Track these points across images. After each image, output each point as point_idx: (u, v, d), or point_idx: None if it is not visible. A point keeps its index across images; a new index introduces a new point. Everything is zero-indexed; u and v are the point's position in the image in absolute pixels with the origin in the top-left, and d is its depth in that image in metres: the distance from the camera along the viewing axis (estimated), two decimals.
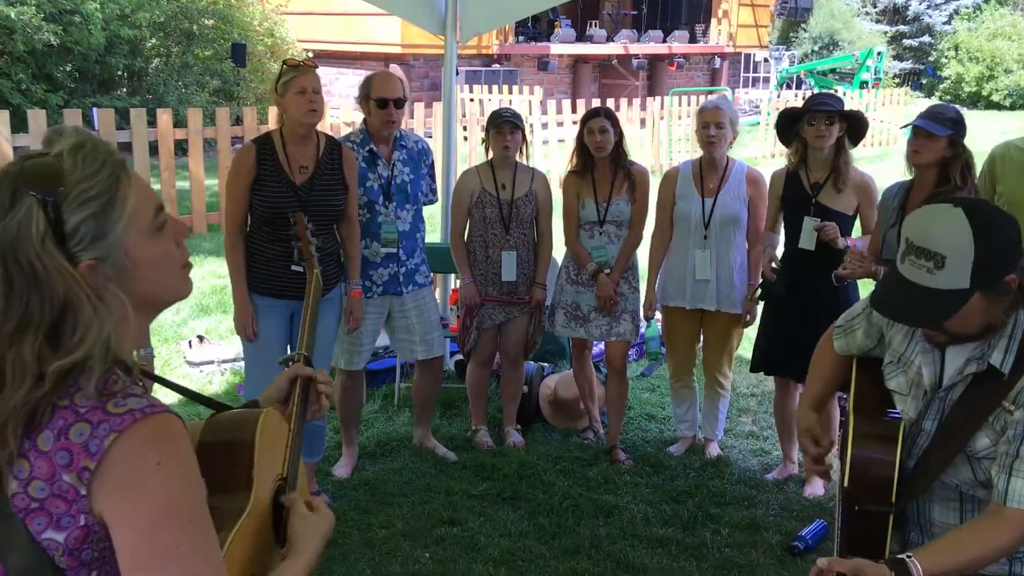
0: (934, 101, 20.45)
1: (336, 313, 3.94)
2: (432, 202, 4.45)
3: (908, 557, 1.82)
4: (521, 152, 4.51)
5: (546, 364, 5.40)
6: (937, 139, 3.51)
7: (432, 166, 4.41)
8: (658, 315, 4.77)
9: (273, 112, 10.08)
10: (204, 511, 1.21)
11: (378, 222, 4.13)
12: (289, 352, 3.91)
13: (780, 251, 4.25)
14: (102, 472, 1.14)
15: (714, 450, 4.63)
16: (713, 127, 4.25)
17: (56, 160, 1.21)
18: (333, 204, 3.77)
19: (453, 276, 5.43)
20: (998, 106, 22.56)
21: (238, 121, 9.85)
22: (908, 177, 3.75)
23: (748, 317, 4.36)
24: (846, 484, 2.03)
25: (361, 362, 4.29)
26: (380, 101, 4.04)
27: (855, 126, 3.95)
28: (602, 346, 4.84)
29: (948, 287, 1.78)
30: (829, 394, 2.39)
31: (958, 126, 3.54)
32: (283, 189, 3.66)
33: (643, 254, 4.59)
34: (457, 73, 5.77)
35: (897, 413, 2.08)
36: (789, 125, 4.05)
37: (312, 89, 3.60)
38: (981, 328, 1.87)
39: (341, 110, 11.29)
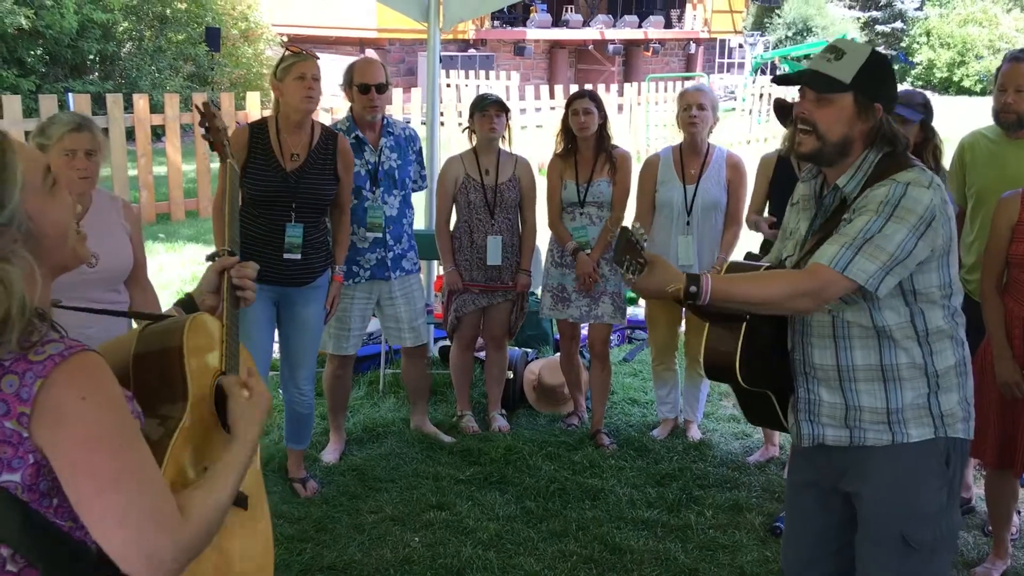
0: (906, 87, 20.63)
1: (323, 300, 3.96)
2: (422, 188, 4.49)
3: (704, 274, 2.19)
4: (503, 137, 4.54)
5: (530, 350, 5.44)
6: (910, 124, 3.61)
7: (420, 152, 4.45)
8: (641, 300, 4.82)
9: (252, 97, 10.04)
10: (134, 435, 1.29)
11: (364, 207, 4.16)
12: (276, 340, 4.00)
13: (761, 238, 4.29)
14: (36, 414, 1.23)
15: (695, 432, 4.69)
16: (695, 108, 4.30)
17: None
18: (322, 194, 3.78)
19: (437, 263, 5.45)
20: (968, 91, 22.82)
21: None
22: None
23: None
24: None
25: (351, 347, 4.31)
26: (362, 87, 4.09)
27: None
28: (586, 330, 4.89)
29: (835, 75, 2.24)
30: None
31: (927, 110, 3.66)
32: (272, 174, 3.68)
33: None
34: (440, 60, 5.77)
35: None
36: (786, 110, 4.09)
37: (312, 76, 3.64)
38: (841, 138, 2.25)
39: None
